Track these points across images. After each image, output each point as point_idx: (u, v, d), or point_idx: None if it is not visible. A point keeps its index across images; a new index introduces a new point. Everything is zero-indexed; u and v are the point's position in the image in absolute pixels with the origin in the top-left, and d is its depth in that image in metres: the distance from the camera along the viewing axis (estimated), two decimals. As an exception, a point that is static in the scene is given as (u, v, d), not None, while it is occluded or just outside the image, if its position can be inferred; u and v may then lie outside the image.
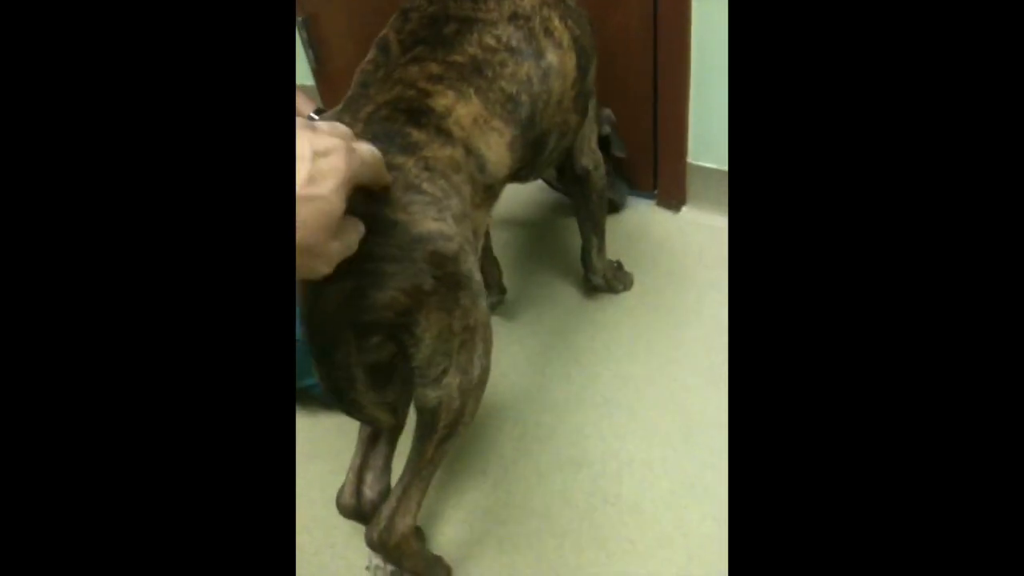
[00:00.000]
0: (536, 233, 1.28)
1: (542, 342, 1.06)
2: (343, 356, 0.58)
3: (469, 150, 0.64)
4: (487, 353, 0.66)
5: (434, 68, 0.65)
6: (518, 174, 0.78)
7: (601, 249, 1.04)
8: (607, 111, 1.13)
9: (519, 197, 1.37)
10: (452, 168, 0.62)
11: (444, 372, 0.63)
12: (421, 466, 0.68)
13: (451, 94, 0.64)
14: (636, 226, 1.24)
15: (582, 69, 0.77)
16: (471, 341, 0.63)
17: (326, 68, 1.48)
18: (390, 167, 0.57)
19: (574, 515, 0.83)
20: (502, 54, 0.68)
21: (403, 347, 0.62)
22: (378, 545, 0.69)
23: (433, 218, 0.58)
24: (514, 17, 0.70)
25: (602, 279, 1.08)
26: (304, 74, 1.48)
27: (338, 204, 0.45)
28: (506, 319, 1.11)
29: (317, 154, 0.43)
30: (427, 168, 0.60)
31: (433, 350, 0.61)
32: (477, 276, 0.63)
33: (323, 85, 1.50)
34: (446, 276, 0.59)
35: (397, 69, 0.66)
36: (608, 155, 1.15)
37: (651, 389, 0.96)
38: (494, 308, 1.13)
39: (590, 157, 0.93)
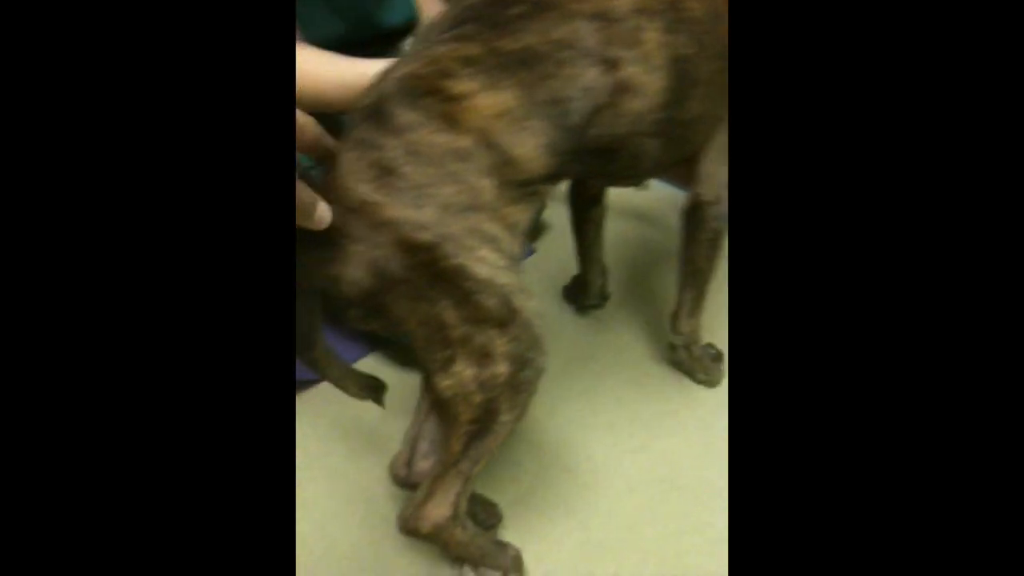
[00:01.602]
0: (659, 237, 1.25)
1: (643, 354, 1.02)
2: (303, 318, 0.62)
3: (487, 142, 0.60)
4: (519, 354, 0.61)
5: (472, 50, 0.61)
6: (587, 177, 0.75)
7: (694, 311, 0.89)
8: None
9: (647, 195, 1.34)
10: (451, 157, 0.58)
11: (450, 360, 0.60)
12: (450, 459, 0.65)
13: (480, 80, 0.60)
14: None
15: (676, 94, 0.67)
16: (480, 335, 0.59)
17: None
18: (372, 147, 0.58)
19: (660, 536, 0.80)
20: (567, 52, 0.62)
21: (388, 327, 0.62)
22: (406, 532, 0.67)
23: (408, 205, 0.57)
24: (599, 16, 0.63)
25: (684, 351, 0.93)
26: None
27: None
28: (606, 324, 1.08)
29: None
30: (412, 152, 0.58)
31: (425, 337, 0.60)
32: (481, 272, 0.58)
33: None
34: (420, 265, 0.57)
35: (433, 45, 0.62)
36: None
37: (754, 424, 0.91)
38: (589, 310, 1.10)
39: (709, 188, 0.80)
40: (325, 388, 0.98)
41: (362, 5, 0.88)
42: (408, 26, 0.98)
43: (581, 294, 1.08)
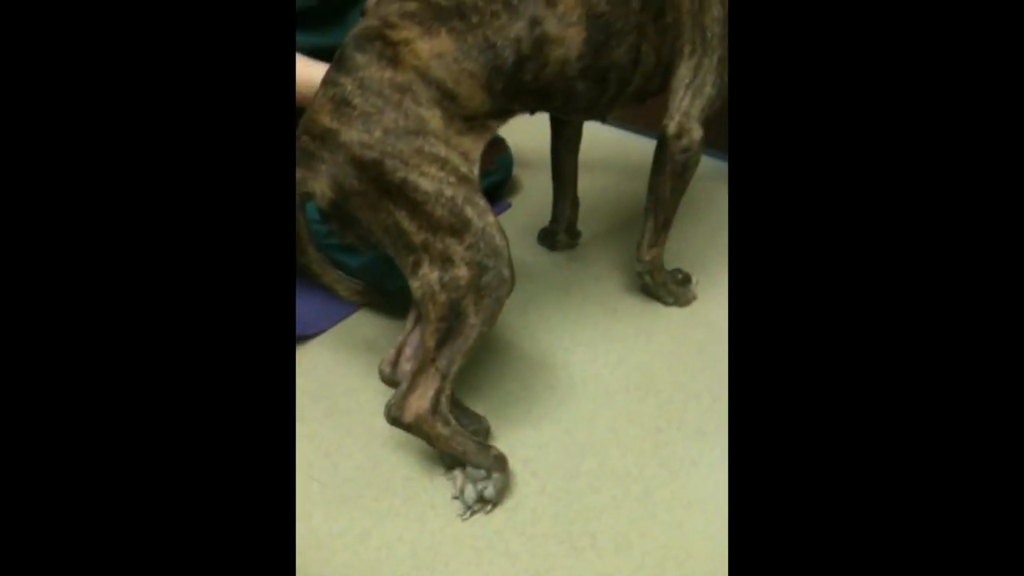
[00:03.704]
0: (631, 186, 1.32)
1: (616, 284, 1.09)
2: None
3: (427, 78, 0.72)
4: (478, 260, 0.71)
5: (411, 6, 0.74)
6: (537, 112, 0.84)
7: (655, 241, 0.96)
8: None
9: (621, 146, 1.40)
10: (394, 89, 0.71)
11: (417, 264, 0.72)
12: (427, 355, 0.74)
13: (416, 30, 0.72)
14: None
15: (594, 46, 0.77)
16: (439, 242, 0.71)
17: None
18: (334, 84, 0.72)
19: (638, 433, 0.86)
20: (496, 6, 0.74)
21: (360, 237, 0.74)
22: (391, 420, 0.76)
23: (357, 129, 0.70)
24: None
25: (649, 277, 1.00)
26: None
27: None
28: (580, 261, 1.15)
29: None
30: (361, 87, 0.71)
31: (392, 244, 0.73)
32: (427, 185, 0.70)
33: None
34: (371, 180, 0.70)
35: (382, 5, 0.75)
36: None
37: (721, 330, 0.98)
38: (561, 248, 1.16)
39: (677, 123, 0.87)
40: (322, 339, 1.04)
41: None
42: None
43: (552, 226, 1.15)
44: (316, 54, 0.95)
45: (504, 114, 0.79)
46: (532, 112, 0.85)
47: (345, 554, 0.75)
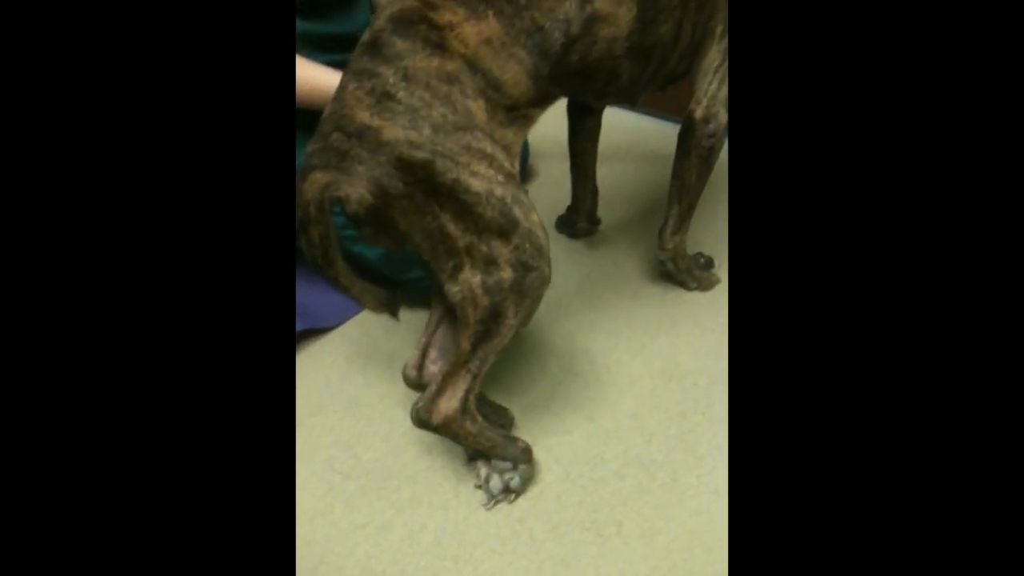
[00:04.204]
0: (652, 172, 1.30)
1: (638, 271, 1.07)
2: (318, 235, 0.67)
3: (474, 67, 0.67)
4: (523, 261, 0.67)
5: None
6: (573, 97, 0.81)
7: (679, 228, 0.94)
8: None
9: (642, 132, 1.39)
10: (441, 79, 0.65)
11: (457, 268, 0.67)
12: (460, 358, 0.71)
13: (462, 12, 0.66)
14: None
15: (644, 23, 0.75)
16: (484, 244, 0.66)
17: None
18: (370, 75, 0.65)
19: (663, 419, 0.84)
20: None
21: (396, 242, 0.69)
22: (418, 424, 0.73)
23: (403, 127, 0.63)
24: None
25: (671, 263, 0.97)
26: None
27: None
28: (600, 249, 1.13)
29: None
30: (405, 78, 0.65)
31: (431, 248, 0.67)
32: (477, 185, 0.65)
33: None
34: (419, 182, 0.64)
35: None
36: None
37: (746, 317, 0.96)
38: (580, 235, 1.15)
39: (704, 107, 0.85)
40: (341, 331, 1.04)
41: None
42: None
43: (571, 214, 1.14)
44: (320, 43, 0.94)
45: (544, 101, 0.75)
46: (570, 96, 0.82)
47: (367, 545, 0.75)
